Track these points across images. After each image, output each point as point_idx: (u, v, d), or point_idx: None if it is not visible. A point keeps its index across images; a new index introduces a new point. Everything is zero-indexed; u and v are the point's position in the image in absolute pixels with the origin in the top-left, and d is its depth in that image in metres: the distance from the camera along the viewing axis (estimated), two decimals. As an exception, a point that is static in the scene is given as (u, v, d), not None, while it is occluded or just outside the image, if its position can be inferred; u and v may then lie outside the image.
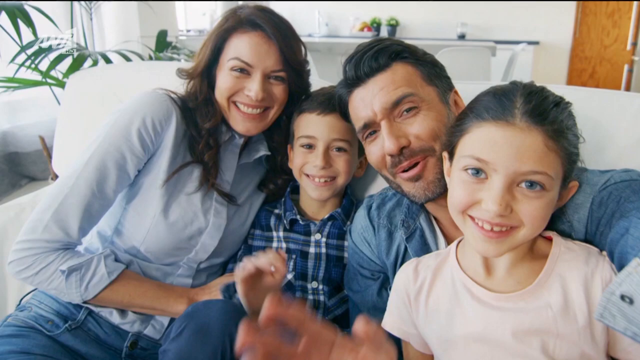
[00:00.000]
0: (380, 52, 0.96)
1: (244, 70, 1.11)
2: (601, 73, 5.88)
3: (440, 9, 6.22)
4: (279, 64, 1.12)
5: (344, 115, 1.05)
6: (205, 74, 1.16)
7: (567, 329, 0.72)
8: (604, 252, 0.77)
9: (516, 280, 0.78)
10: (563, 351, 0.72)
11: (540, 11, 5.88)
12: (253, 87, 1.10)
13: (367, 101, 0.96)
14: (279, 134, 1.25)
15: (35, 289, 1.15)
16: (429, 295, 0.87)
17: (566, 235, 0.83)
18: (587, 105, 1.12)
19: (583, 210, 0.81)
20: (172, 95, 1.17)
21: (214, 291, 1.12)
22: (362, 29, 6.33)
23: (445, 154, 0.86)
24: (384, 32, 6.31)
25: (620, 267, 0.67)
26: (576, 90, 1.20)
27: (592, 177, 0.84)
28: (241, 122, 1.14)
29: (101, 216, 1.11)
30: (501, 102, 0.75)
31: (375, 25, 6.36)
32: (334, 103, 1.08)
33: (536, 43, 5.76)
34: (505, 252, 0.76)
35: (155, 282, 1.13)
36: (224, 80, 1.12)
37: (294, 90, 1.18)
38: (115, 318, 1.11)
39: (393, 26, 6.33)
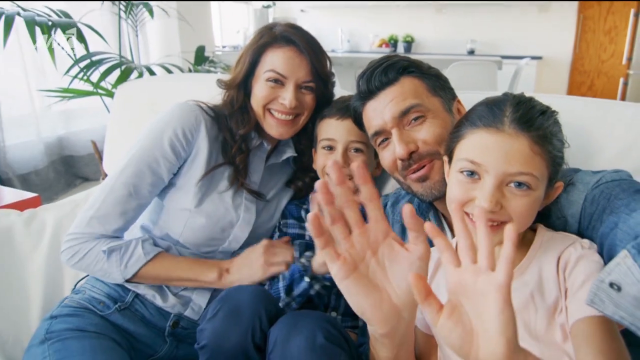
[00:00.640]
0: (389, 68, 0.97)
1: (278, 81, 1.12)
2: (599, 85, 5.80)
3: (452, 27, 6.19)
4: (309, 75, 1.13)
5: (359, 125, 1.07)
6: (242, 85, 1.17)
7: (543, 303, 0.74)
8: (585, 240, 0.78)
9: None
10: (543, 326, 0.73)
11: (543, 29, 5.82)
12: (287, 96, 1.11)
13: (379, 111, 0.98)
14: (305, 137, 1.26)
15: (88, 275, 1.17)
16: (431, 283, 0.88)
17: (560, 229, 0.84)
18: (585, 113, 1.12)
19: (576, 206, 0.82)
20: (202, 105, 1.18)
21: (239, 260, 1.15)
22: (380, 45, 6.33)
23: (445, 158, 0.87)
24: (401, 48, 6.30)
25: (609, 258, 0.68)
26: (575, 99, 1.20)
27: (585, 176, 0.85)
28: (275, 128, 1.15)
29: (138, 215, 1.13)
30: (492, 111, 0.77)
31: (393, 42, 6.34)
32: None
33: (539, 58, 5.69)
34: (495, 245, 0.76)
35: (188, 257, 1.15)
36: (260, 90, 1.13)
37: (320, 99, 1.19)
38: (158, 301, 1.12)
39: (409, 42, 6.30)
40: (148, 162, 1.11)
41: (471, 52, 5.98)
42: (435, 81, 1.00)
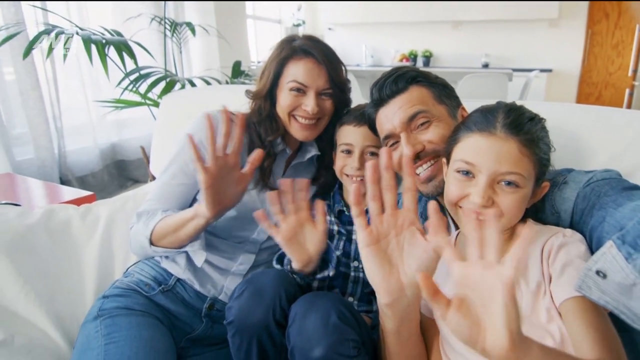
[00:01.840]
0: (399, 78, 0.99)
1: (300, 90, 1.14)
2: (606, 96, 5.67)
3: (468, 42, 6.15)
4: (327, 83, 1.15)
5: (373, 130, 1.09)
6: (268, 95, 1.19)
7: (527, 288, 0.75)
8: (567, 230, 0.78)
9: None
10: (528, 309, 0.75)
11: (553, 43, 5.73)
12: (309, 104, 1.13)
13: (389, 117, 1.00)
14: (326, 138, 1.27)
15: (139, 261, 1.22)
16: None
17: (554, 224, 0.85)
18: (583, 120, 1.13)
19: (569, 203, 0.84)
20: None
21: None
22: (401, 60, 6.30)
23: (444, 160, 0.89)
24: (420, 63, 6.27)
25: (597, 248, 0.68)
26: (575, 107, 1.20)
27: (578, 175, 0.86)
28: (300, 131, 1.18)
29: (176, 208, 1.17)
30: (486, 117, 0.80)
31: (413, 57, 6.30)
32: None
33: (549, 70, 5.60)
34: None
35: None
36: (284, 99, 1.16)
37: (339, 104, 1.21)
38: (196, 285, 1.15)
39: (427, 57, 6.26)
40: (180, 165, 1.17)
41: (485, 66, 5.92)
42: (441, 90, 1.01)
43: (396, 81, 0.99)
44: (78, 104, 3.16)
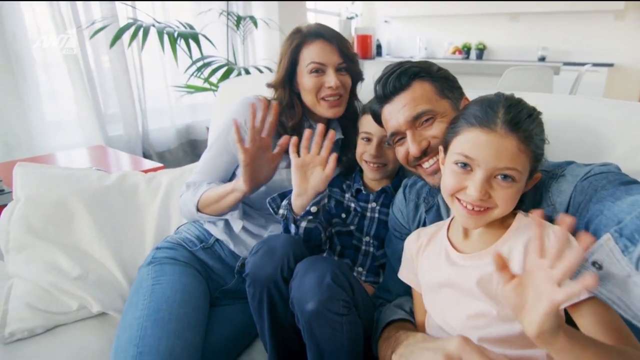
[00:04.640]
0: (402, 74, 0.95)
1: (319, 70, 1.17)
2: (674, 94, 5.10)
3: (524, 35, 5.70)
4: (341, 58, 1.18)
5: (379, 123, 1.07)
6: (287, 84, 1.23)
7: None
8: (556, 228, 0.75)
9: (484, 244, 0.81)
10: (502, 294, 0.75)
11: (618, 36, 5.18)
12: (331, 80, 1.16)
13: (394, 115, 0.97)
14: (350, 122, 1.30)
15: (187, 222, 1.32)
16: (423, 253, 0.92)
17: (548, 216, 0.80)
18: (603, 114, 1.09)
19: (565, 196, 0.80)
20: (261, 99, 1.26)
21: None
22: (453, 52, 5.97)
23: (441, 147, 0.87)
24: (473, 55, 5.92)
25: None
26: (603, 101, 1.15)
27: (576, 168, 0.82)
28: (329, 110, 1.20)
29: (218, 180, 1.26)
30: (486, 111, 0.75)
31: (466, 49, 5.93)
32: None
33: (611, 65, 5.10)
34: (481, 226, 0.79)
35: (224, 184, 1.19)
36: (307, 82, 1.18)
37: (354, 76, 1.24)
38: (231, 246, 1.24)
39: (481, 50, 5.84)
40: (223, 144, 1.25)
41: (542, 59, 5.45)
42: (444, 83, 0.97)
43: (399, 77, 0.95)
44: (159, 89, 3.34)
